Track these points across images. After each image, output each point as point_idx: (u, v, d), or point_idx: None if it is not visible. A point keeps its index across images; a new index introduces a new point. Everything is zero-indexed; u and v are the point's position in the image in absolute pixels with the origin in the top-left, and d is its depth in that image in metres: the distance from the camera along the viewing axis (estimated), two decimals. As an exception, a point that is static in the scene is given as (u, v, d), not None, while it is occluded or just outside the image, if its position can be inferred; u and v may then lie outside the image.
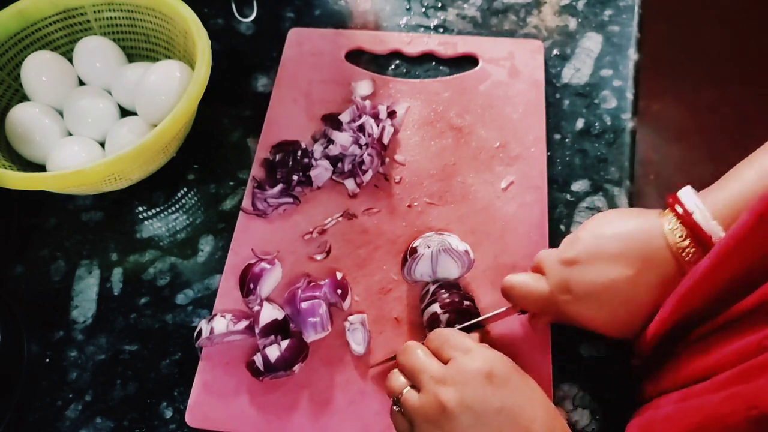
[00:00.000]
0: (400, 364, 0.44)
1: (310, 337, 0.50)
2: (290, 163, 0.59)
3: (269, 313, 0.50)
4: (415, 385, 0.42)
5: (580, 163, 0.60)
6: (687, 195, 0.43)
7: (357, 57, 0.69)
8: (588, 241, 0.45)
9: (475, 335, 0.47)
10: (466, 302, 0.50)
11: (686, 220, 0.42)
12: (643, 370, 0.46)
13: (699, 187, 0.44)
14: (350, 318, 0.52)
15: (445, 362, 0.41)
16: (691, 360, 0.40)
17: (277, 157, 0.60)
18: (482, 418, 0.38)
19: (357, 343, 0.51)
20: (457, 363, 0.40)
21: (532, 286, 0.47)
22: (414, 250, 0.52)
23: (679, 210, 0.42)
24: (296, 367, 0.50)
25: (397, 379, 0.43)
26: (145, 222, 0.60)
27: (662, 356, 0.44)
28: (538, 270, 0.48)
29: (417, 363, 0.42)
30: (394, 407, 0.42)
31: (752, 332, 0.36)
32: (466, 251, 0.51)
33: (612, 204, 0.58)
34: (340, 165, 0.60)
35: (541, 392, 0.41)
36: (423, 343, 0.44)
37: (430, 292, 0.51)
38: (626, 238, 0.44)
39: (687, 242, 0.41)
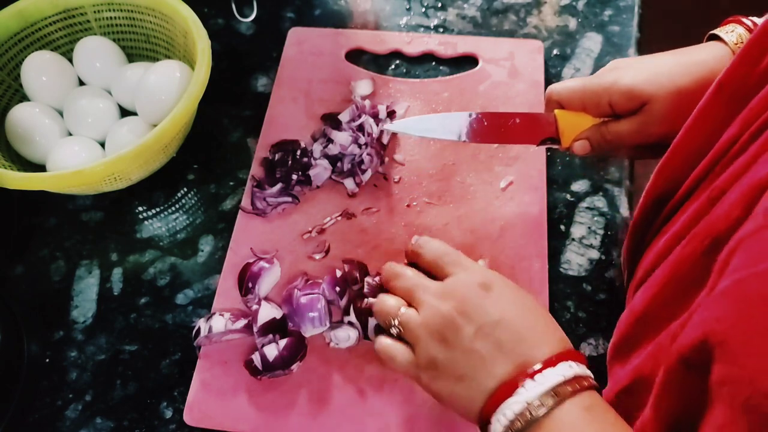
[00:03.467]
0: (391, 287, 0.44)
1: (308, 331, 0.51)
2: (289, 162, 0.59)
3: (267, 312, 0.50)
4: (411, 304, 0.42)
5: (580, 163, 0.60)
6: (749, 18, 0.46)
7: (357, 57, 0.69)
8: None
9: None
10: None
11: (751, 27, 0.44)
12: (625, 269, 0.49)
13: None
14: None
15: (441, 278, 0.42)
16: (660, 240, 0.41)
17: (277, 156, 0.60)
18: (483, 329, 0.38)
19: (343, 340, 0.51)
20: (456, 277, 0.41)
21: None
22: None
23: (748, 23, 0.45)
24: (294, 366, 0.50)
25: (389, 301, 0.43)
26: (145, 222, 0.60)
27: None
28: None
29: (411, 281, 0.42)
30: (392, 330, 0.42)
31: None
32: None
33: (612, 204, 0.58)
34: (339, 164, 0.60)
35: (543, 309, 0.41)
36: (406, 263, 0.46)
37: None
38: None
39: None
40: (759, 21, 0.45)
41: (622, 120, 0.47)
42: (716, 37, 0.47)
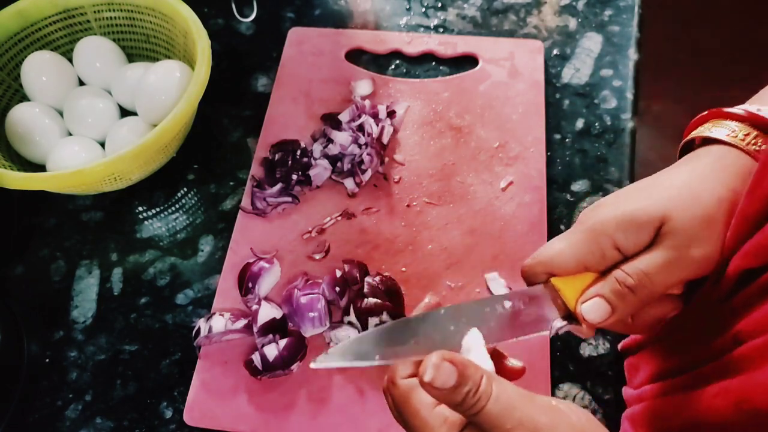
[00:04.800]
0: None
1: (308, 331, 0.51)
2: (289, 162, 0.59)
3: (267, 312, 0.50)
4: None
5: (580, 163, 0.60)
6: (731, 108, 0.36)
7: (357, 57, 0.69)
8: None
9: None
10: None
11: (750, 117, 0.35)
12: (630, 353, 0.43)
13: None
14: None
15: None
16: (671, 353, 0.37)
17: (277, 156, 0.60)
18: None
19: (343, 340, 0.51)
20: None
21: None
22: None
23: (740, 112, 0.35)
24: (294, 366, 0.50)
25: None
26: (145, 222, 0.60)
27: (644, 344, 0.40)
28: None
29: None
30: None
31: (727, 326, 0.31)
32: None
33: (611, 204, 0.58)
34: (339, 164, 0.60)
35: None
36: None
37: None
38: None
39: (755, 135, 0.34)
40: (748, 108, 0.35)
41: (641, 255, 0.33)
42: (691, 147, 0.37)
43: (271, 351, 0.49)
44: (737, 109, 0.35)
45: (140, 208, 0.61)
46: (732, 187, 0.33)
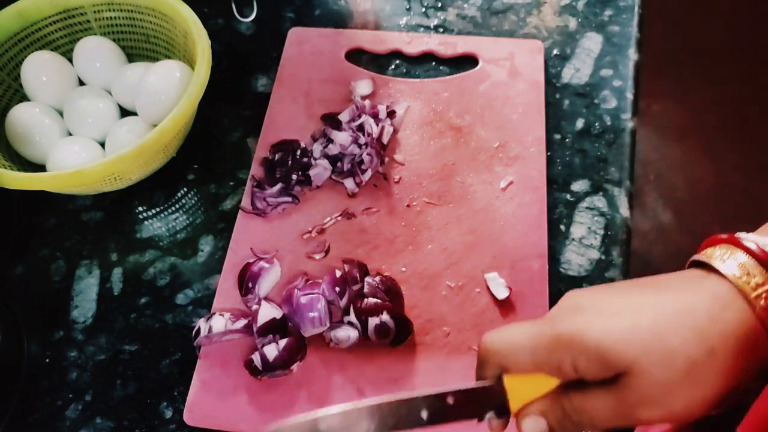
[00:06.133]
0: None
1: (308, 331, 0.51)
2: (289, 162, 0.59)
3: (267, 312, 0.50)
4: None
5: (580, 163, 0.60)
6: (745, 236, 0.33)
7: (357, 57, 0.69)
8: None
9: None
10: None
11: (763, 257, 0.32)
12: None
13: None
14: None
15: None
16: None
17: (277, 156, 0.60)
18: None
19: (343, 340, 0.51)
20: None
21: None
22: None
23: (751, 246, 0.32)
24: (294, 366, 0.50)
25: None
26: (145, 222, 0.60)
27: None
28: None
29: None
30: None
31: None
32: None
33: (612, 204, 0.58)
34: (339, 164, 0.60)
35: None
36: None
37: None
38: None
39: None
40: (763, 241, 0.33)
41: (591, 391, 0.32)
42: (701, 264, 0.34)
43: (271, 351, 0.49)
44: (749, 241, 0.33)
45: (140, 208, 0.61)
46: (712, 336, 0.31)
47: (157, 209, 0.61)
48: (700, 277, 0.33)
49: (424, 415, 0.33)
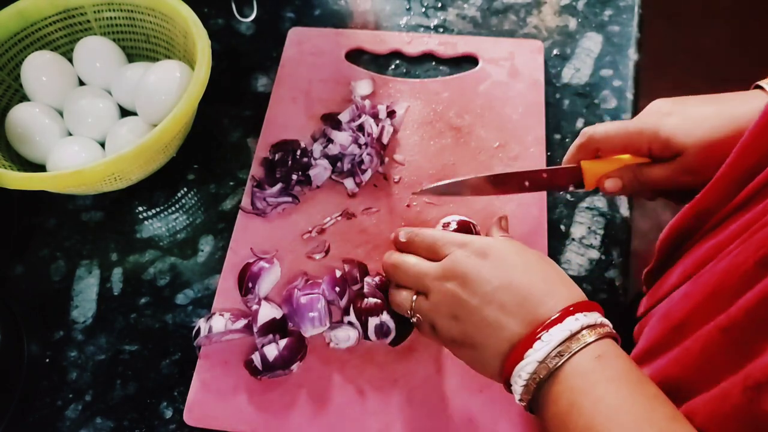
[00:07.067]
0: (397, 280, 0.46)
1: (308, 331, 0.51)
2: (289, 162, 0.59)
3: (267, 312, 0.50)
4: (421, 291, 0.44)
5: (580, 163, 0.60)
6: None
7: (357, 57, 0.69)
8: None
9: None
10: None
11: None
12: (651, 277, 0.49)
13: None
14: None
15: (439, 259, 0.43)
16: (701, 248, 0.42)
17: (277, 156, 0.60)
18: (486, 297, 0.39)
19: (343, 340, 0.51)
20: (453, 255, 0.42)
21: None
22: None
23: None
24: (294, 366, 0.50)
25: (401, 295, 0.46)
26: (145, 222, 0.60)
27: (669, 260, 0.47)
28: None
29: (413, 270, 0.44)
30: (412, 320, 0.45)
31: (758, 204, 0.37)
32: None
33: (612, 204, 0.58)
34: (339, 164, 0.60)
35: (549, 264, 0.42)
36: (402, 250, 0.47)
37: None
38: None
39: None
40: None
41: (656, 165, 0.47)
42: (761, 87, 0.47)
43: (271, 351, 0.49)
44: None
45: (140, 208, 0.61)
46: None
47: (157, 209, 0.61)
48: (755, 96, 0.46)
49: (527, 183, 0.50)
